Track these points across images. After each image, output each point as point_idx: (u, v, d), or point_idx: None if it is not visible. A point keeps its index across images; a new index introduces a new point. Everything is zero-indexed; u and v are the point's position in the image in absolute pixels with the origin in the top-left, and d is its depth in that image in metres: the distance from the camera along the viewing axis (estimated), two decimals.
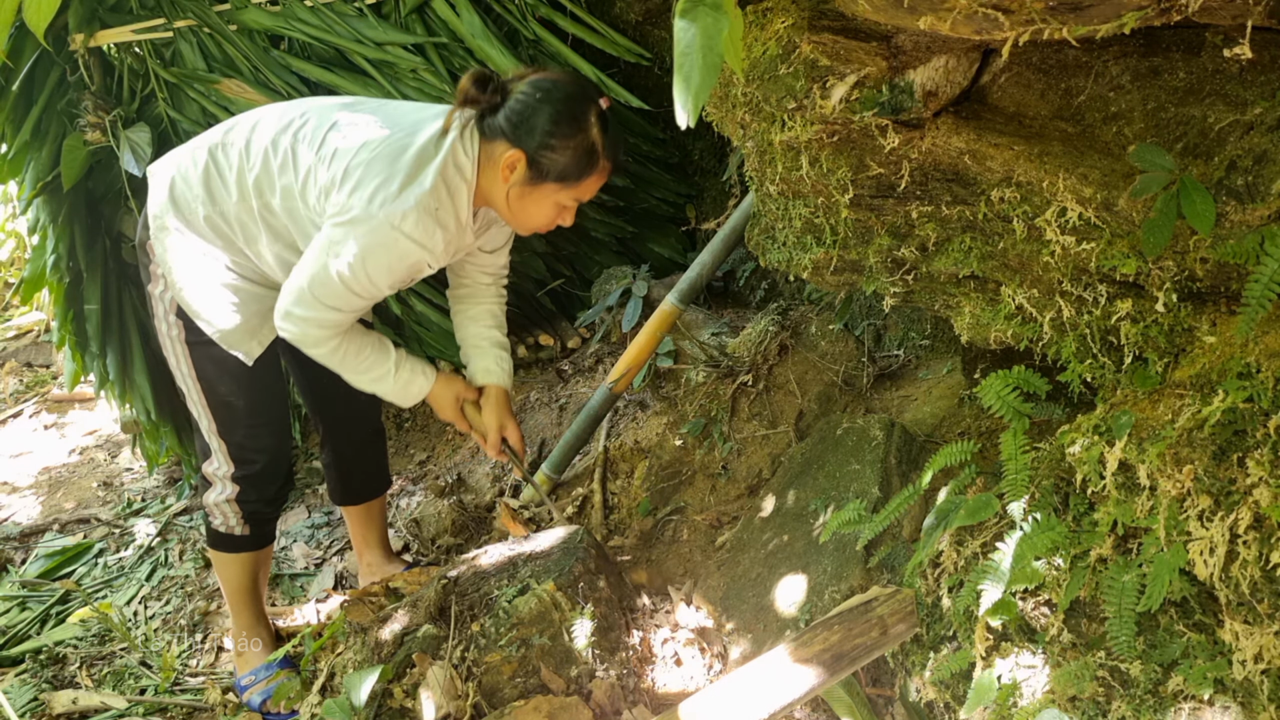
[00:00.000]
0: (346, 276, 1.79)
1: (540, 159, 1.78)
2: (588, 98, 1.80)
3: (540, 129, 1.76)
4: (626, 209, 3.69)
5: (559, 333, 3.69)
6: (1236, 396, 1.21)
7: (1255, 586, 1.15)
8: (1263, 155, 1.23)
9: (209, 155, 1.93)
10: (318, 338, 1.91)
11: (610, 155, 1.84)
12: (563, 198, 1.86)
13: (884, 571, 1.85)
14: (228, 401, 2.11)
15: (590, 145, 1.79)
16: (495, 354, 2.25)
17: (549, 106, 1.76)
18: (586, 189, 1.86)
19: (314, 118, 1.88)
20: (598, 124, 1.79)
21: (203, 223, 1.95)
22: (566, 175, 1.81)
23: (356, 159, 1.78)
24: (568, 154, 1.78)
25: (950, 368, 2.67)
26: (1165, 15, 1.06)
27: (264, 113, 1.96)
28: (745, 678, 1.58)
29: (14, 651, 2.61)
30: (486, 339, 2.26)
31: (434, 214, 1.77)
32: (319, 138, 1.84)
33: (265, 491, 2.24)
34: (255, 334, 2.06)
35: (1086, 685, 1.32)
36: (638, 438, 2.92)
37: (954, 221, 1.62)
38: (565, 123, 1.77)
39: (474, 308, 2.26)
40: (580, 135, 1.78)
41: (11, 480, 3.89)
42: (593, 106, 1.79)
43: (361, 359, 1.99)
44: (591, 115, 1.79)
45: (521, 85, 1.80)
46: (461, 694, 1.81)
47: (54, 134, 3.09)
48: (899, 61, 1.47)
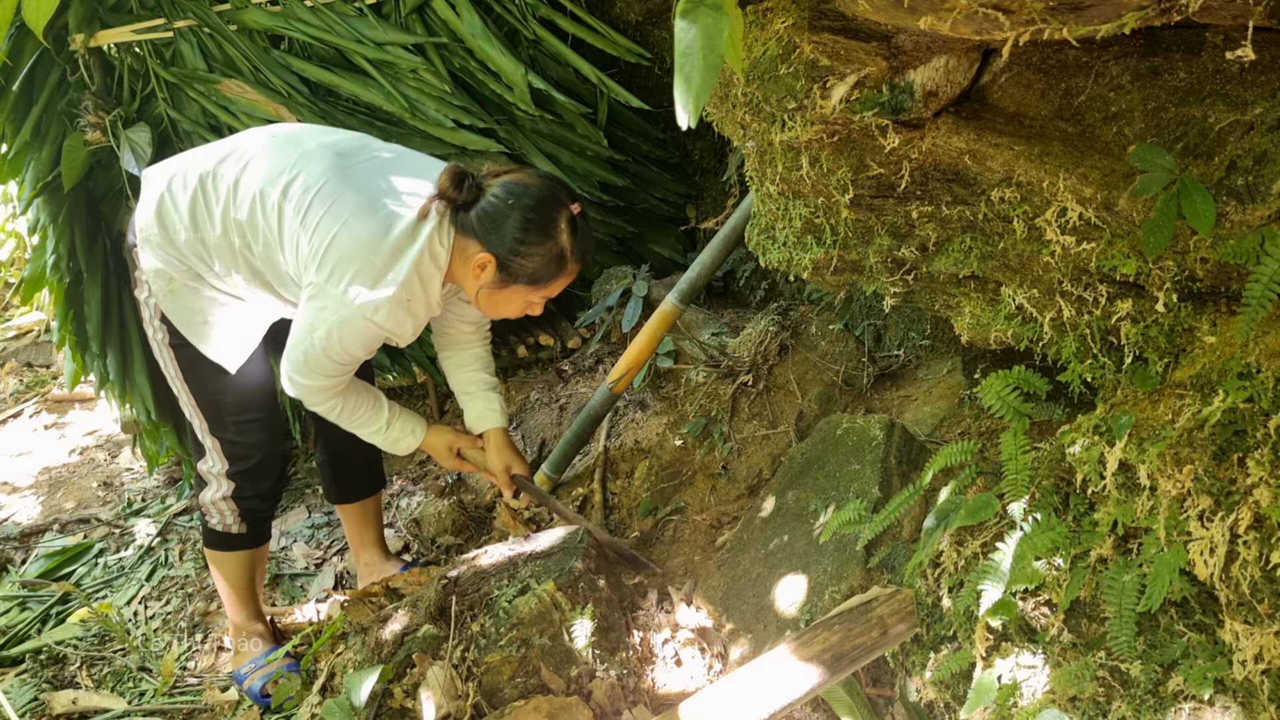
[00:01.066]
0: (328, 352, 1.89)
1: (510, 263, 1.84)
2: (558, 203, 1.85)
3: (510, 235, 1.82)
4: (626, 209, 3.69)
5: (559, 333, 3.69)
6: (1237, 396, 1.21)
7: (1255, 586, 1.15)
8: (1263, 155, 1.23)
9: (199, 182, 1.95)
10: (317, 400, 2.04)
11: (579, 257, 1.90)
12: (532, 297, 1.94)
13: (884, 571, 1.85)
14: (215, 400, 2.15)
15: (560, 252, 1.85)
16: (486, 398, 2.31)
17: (519, 214, 1.81)
18: (555, 288, 1.94)
19: (304, 175, 1.89)
20: (567, 229, 1.85)
21: (183, 245, 1.99)
22: (536, 279, 1.88)
23: (336, 243, 1.82)
24: (536, 260, 1.84)
25: (950, 368, 2.67)
26: (1165, 15, 1.06)
27: (258, 150, 1.96)
28: (745, 678, 1.58)
29: (14, 651, 2.61)
30: (476, 383, 2.32)
31: (405, 305, 1.84)
32: (305, 203, 1.86)
33: (260, 487, 2.26)
34: (237, 347, 2.12)
35: (1087, 685, 1.32)
36: (638, 438, 2.92)
37: (954, 221, 1.62)
38: (535, 230, 1.82)
39: (459, 354, 2.32)
40: (549, 242, 1.83)
41: (11, 480, 3.89)
42: (563, 212, 1.84)
43: (357, 416, 2.11)
44: (561, 221, 1.84)
45: (495, 186, 1.86)
46: (461, 694, 1.81)
47: (54, 134, 3.09)
48: (899, 61, 1.47)
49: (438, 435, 2.25)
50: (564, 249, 1.85)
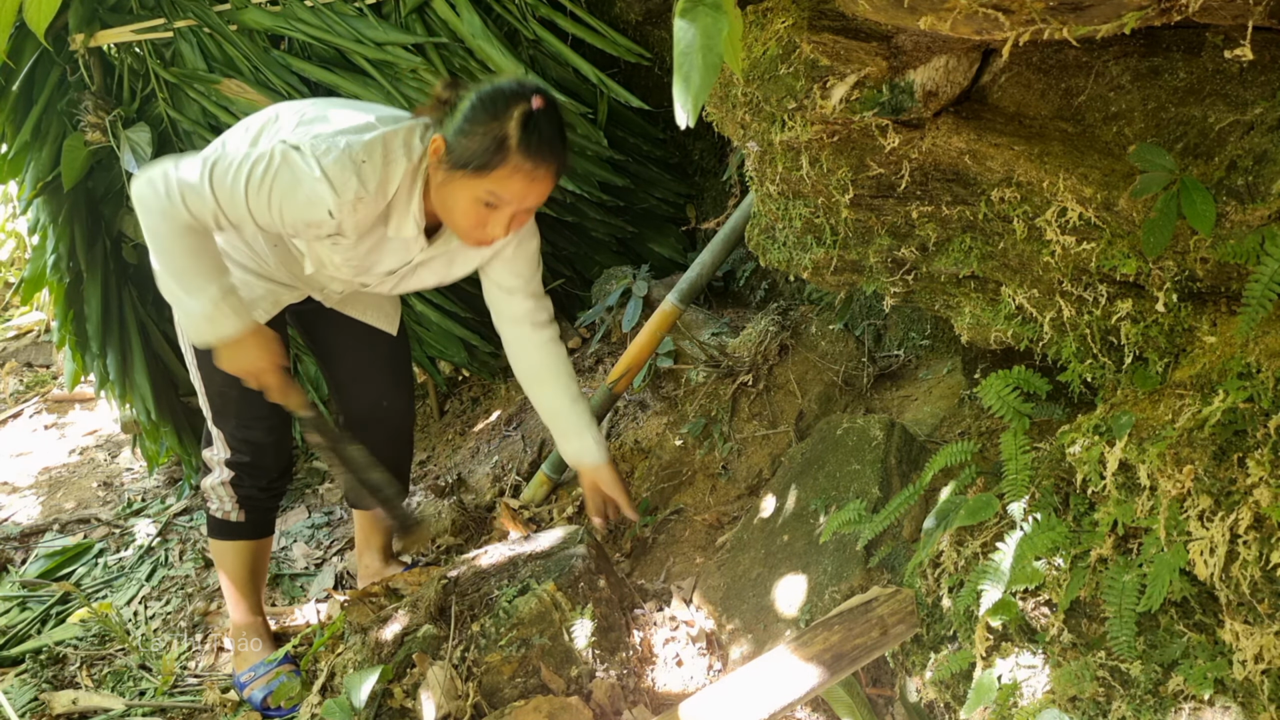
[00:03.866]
0: (246, 167, 1.73)
1: (455, 145, 1.75)
2: (517, 94, 1.74)
3: (460, 115, 1.75)
4: (626, 209, 3.69)
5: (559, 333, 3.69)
6: (1237, 396, 1.21)
7: (1255, 586, 1.15)
8: (1263, 155, 1.23)
9: None
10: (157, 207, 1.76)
11: (528, 152, 1.73)
12: (477, 191, 1.76)
13: (884, 571, 1.85)
14: (222, 392, 2.13)
15: (501, 136, 1.72)
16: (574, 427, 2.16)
17: (474, 95, 1.76)
18: (501, 185, 1.75)
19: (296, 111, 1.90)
20: (519, 119, 1.72)
21: None
22: (474, 162, 1.73)
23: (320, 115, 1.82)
24: (476, 140, 1.73)
25: (950, 368, 2.67)
26: (1165, 15, 1.06)
27: None
28: (745, 678, 1.58)
29: (14, 651, 2.61)
30: (561, 413, 2.17)
31: (358, 165, 1.73)
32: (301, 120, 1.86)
33: (258, 481, 2.25)
34: None
35: (1087, 685, 1.32)
36: (638, 438, 2.92)
37: (954, 221, 1.62)
38: (482, 110, 1.74)
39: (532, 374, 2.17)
40: (493, 124, 1.72)
41: (11, 480, 3.89)
42: (520, 103, 1.73)
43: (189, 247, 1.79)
44: (514, 109, 1.73)
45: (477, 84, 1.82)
46: (461, 694, 1.81)
47: (54, 134, 3.09)
48: (899, 61, 1.47)
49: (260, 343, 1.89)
50: (506, 134, 1.71)
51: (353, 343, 2.33)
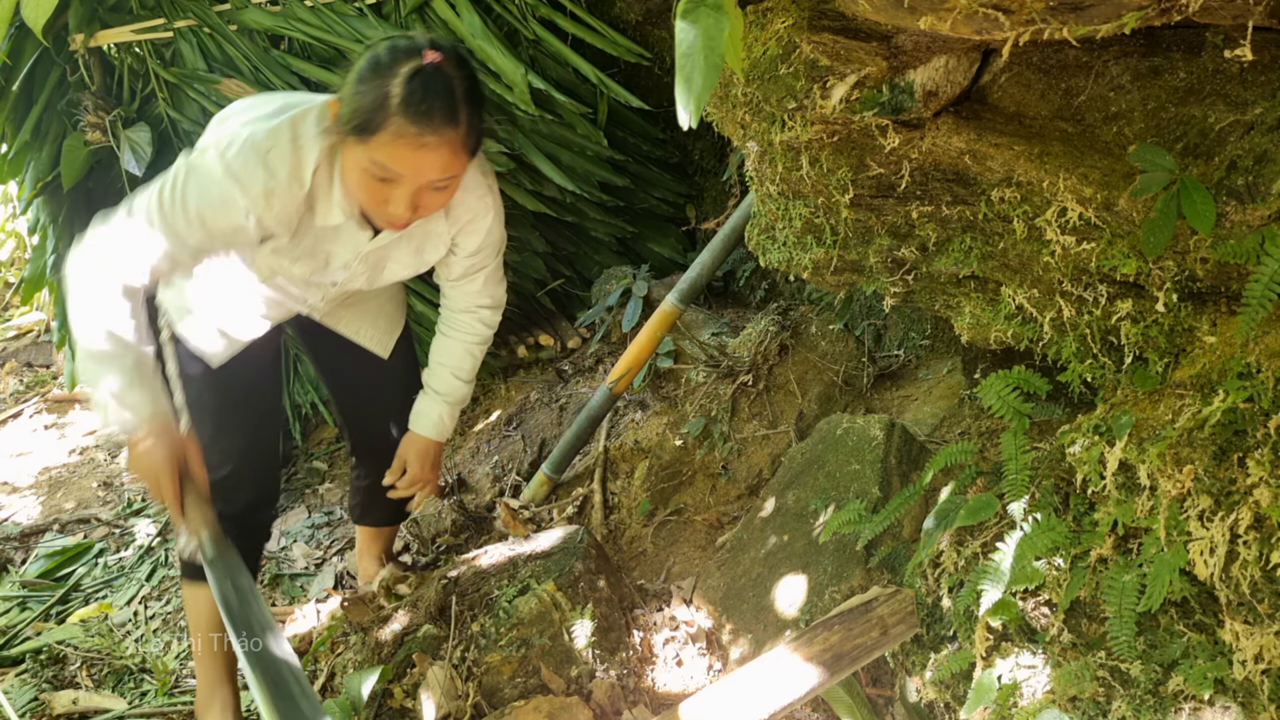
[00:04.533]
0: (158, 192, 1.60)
1: (344, 104, 1.56)
2: (410, 51, 1.51)
3: (351, 75, 1.56)
4: (626, 209, 3.70)
5: (559, 333, 3.69)
6: (1237, 396, 1.21)
7: (1255, 586, 1.15)
8: (1263, 155, 1.23)
9: None
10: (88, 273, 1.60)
11: (411, 114, 1.48)
12: (362, 159, 1.55)
13: (884, 571, 1.85)
14: (201, 399, 1.96)
15: (383, 96, 1.49)
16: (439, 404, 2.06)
17: (367, 52, 1.55)
18: (385, 152, 1.52)
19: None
20: (405, 75, 1.49)
21: None
22: (359, 127, 1.52)
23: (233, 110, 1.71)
24: (358, 99, 1.52)
25: (950, 368, 2.67)
26: (1165, 15, 1.06)
27: None
28: (745, 678, 1.58)
29: (14, 651, 2.61)
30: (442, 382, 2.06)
31: (263, 154, 1.57)
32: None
33: (232, 503, 1.94)
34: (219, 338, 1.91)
35: (1087, 685, 1.32)
36: (638, 438, 2.92)
37: (954, 221, 1.62)
38: (369, 68, 1.52)
39: (449, 338, 2.06)
40: (378, 82, 1.50)
41: (11, 480, 3.89)
42: (411, 59, 1.50)
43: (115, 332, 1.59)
44: (402, 66, 1.49)
45: None
46: (461, 694, 1.81)
47: (54, 134, 3.09)
48: (899, 61, 1.47)
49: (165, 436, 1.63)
50: (388, 94, 1.48)
51: (350, 365, 2.19)
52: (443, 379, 2.05)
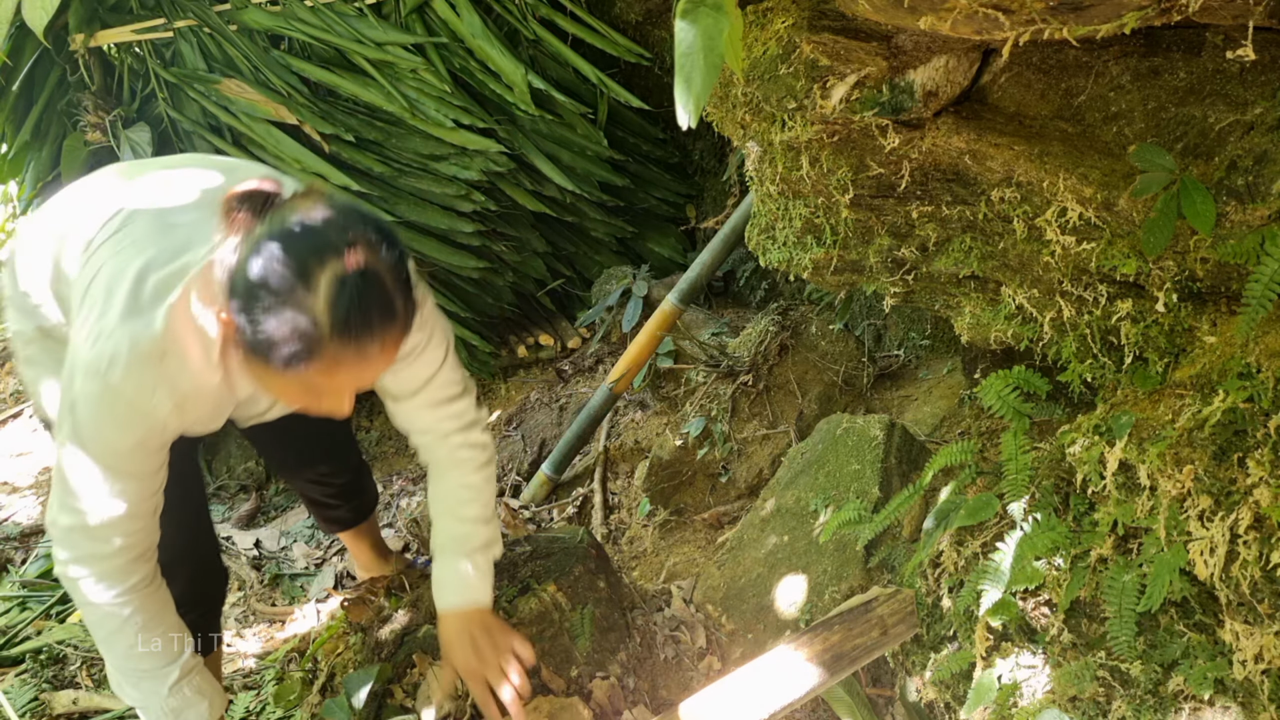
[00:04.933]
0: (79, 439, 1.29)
1: (246, 331, 1.17)
2: (324, 249, 1.14)
3: (242, 285, 1.16)
4: (626, 209, 3.70)
5: (559, 333, 3.69)
6: (1237, 396, 1.21)
7: (1255, 586, 1.15)
8: (1263, 155, 1.23)
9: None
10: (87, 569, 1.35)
11: (350, 336, 1.16)
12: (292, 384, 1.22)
13: (884, 571, 1.85)
14: None
15: (307, 324, 1.14)
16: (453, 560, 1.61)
17: (261, 264, 1.14)
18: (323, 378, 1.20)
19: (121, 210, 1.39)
20: (329, 295, 1.14)
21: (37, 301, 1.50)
22: (274, 359, 1.17)
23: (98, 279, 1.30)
24: (270, 329, 1.15)
25: (950, 368, 2.67)
26: (1165, 15, 1.06)
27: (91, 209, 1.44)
28: (745, 678, 1.58)
29: (14, 651, 2.61)
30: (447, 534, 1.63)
31: (156, 362, 1.25)
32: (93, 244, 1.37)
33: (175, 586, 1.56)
34: None
35: (1087, 685, 1.32)
36: (638, 438, 2.92)
37: (954, 221, 1.62)
38: (272, 286, 1.14)
39: (438, 481, 1.63)
40: (291, 303, 1.14)
41: (11, 480, 3.89)
42: (328, 263, 1.14)
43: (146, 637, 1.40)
44: (321, 275, 1.13)
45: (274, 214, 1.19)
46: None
47: (54, 134, 3.09)
48: (899, 61, 1.47)
49: None
50: (314, 321, 1.13)
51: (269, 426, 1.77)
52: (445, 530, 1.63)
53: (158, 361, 1.25)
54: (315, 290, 1.14)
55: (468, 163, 3.30)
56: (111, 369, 1.24)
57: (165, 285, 1.26)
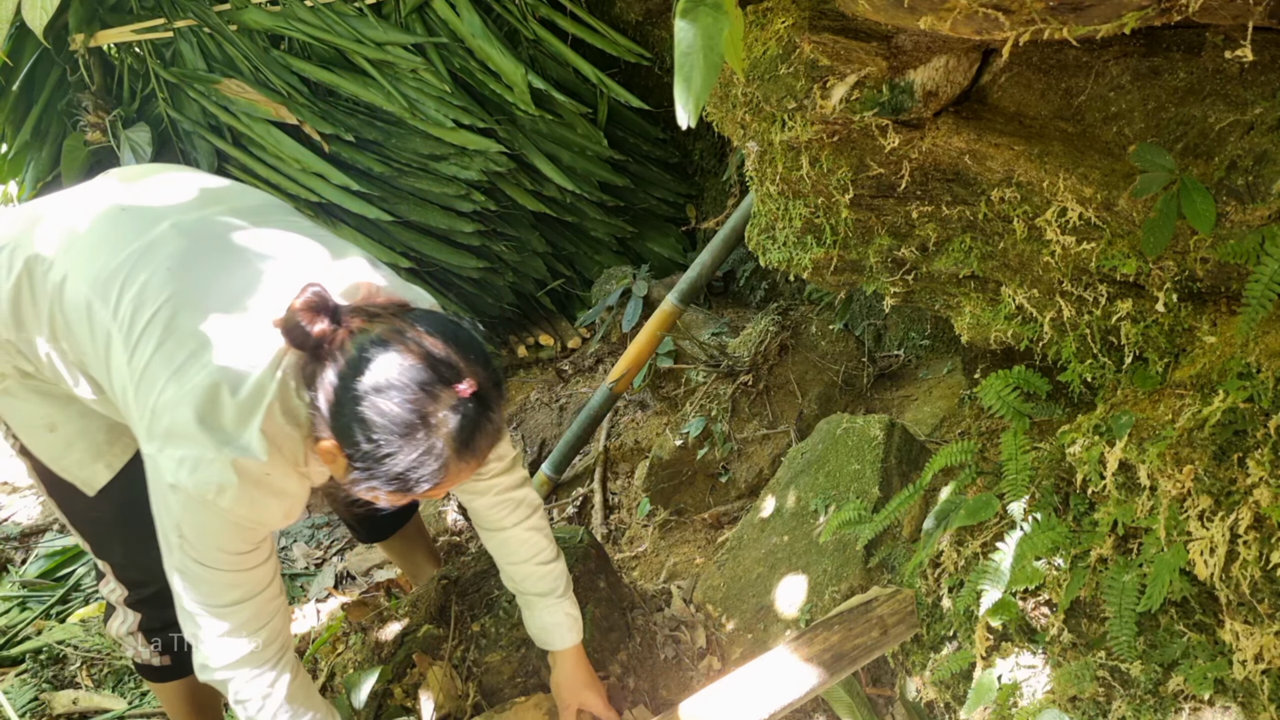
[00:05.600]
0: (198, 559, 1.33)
1: (361, 464, 1.26)
2: (434, 390, 1.22)
3: (358, 434, 1.23)
4: (626, 209, 3.70)
5: (559, 333, 3.69)
6: (1237, 396, 1.21)
7: (1255, 586, 1.15)
8: (1263, 155, 1.23)
9: (25, 267, 1.43)
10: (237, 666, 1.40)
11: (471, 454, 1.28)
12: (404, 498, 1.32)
13: (884, 571, 1.85)
14: (93, 517, 1.65)
15: (435, 455, 1.24)
16: (545, 607, 1.70)
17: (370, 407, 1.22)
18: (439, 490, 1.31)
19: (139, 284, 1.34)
20: (449, 424, 1.23)
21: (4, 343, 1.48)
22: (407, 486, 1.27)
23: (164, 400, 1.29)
24: (397, 465, 1.24)
25: (950, 368, 2.67)
26: (1165, 15, 1.06)
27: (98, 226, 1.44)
28: (745, 678, 1.58)
29: (14, 651, 2.61)
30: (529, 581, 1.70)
31: (261, 482, 1.30)
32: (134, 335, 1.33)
33: (168, 615, 1.59)
34: (101, 455, 1.59)
35: (1087, 685, 1.32)
36: (638, 438, 2.92)
37: (954, 221, 1.62)
38: (393, 431, 1.22)
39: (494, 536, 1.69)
40: (418, 445, 1.23)
41: (11, 480, 3.89)
42: (442, 399, 1.23)
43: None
44: (437, 415, 1.22)
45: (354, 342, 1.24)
46: (462, 694, 1.81)
47: (54, 134, 3.09)
48: (899, 61, 1.47)
49: None
50: (441, 452, 1.23)
51: None
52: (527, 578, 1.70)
53: (263, 482, 1.30)
54: (437, 426, 1.23)
55: (468, 163, 3.30)
56: (221, 496, 1.27)
57: (247, 408, 1.27)
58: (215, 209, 1.46)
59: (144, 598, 1.71)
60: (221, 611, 1.37)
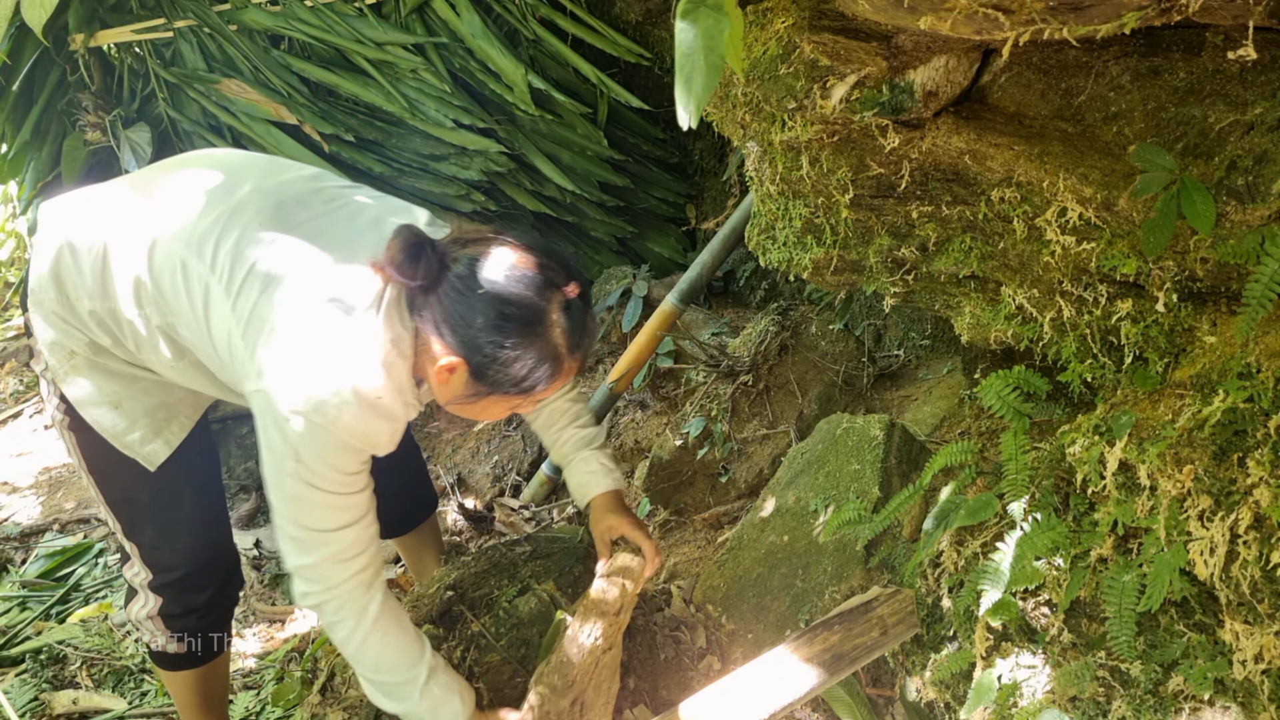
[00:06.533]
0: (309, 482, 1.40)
1: (486, 370, 1.38)
2: (548, 290, 1.37)
3: (483, 338, 1.35)
4: (626, 209, 3.69)
5: None
6: (1237, 396, 1.21)
7: (1255, 586, 1.15)
8: (1263, 155, 1.23)
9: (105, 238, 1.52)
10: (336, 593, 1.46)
11: (580, 352, 1.43)
12: (516, 401, 1.47)
13: (884, 571, 1.85)
14: (129, 496, 1.70)
15: (553, 352, 1.38)
16: (584, 460, 1.81)
17: (492, 309, 1.34)
18: (552, 390, 1.46)
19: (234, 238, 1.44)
20: (562, 322, 1.38)
21: (86, 315, 1.54)
22: (524, 387, 1.41)
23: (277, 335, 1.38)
24: (520, 369, 1.38)
25: (950, 368, 2.67)
26: (1165, 15, 1.06)
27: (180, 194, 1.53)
28: (745, 678, 1.58)
29: (14, 651, 2.61)
30: (569, 444, 1.83)
31: (374, 405, 1.39)
32: (236, 281, 1.42)
33: (191, 602, 1.76)
34: (160, 432, 1.65)
35: (1087, 685, 1.32)
36: (638, 438, 2.92)
37: (954, 221, 1.62)
38: (516, 330, 1.35)
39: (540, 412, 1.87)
40: (537, 343, 1.36)
41: (11, 480, 3.89)
42: (554, 300, 1.37)
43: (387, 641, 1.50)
44: (553, 313, 1.37)
45: (461, 263, 1.37)
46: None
47: (54, 134, 3.09)
48: (899, 61, 1.47)
49: None
50: (557, 349, 1.38)
51: None
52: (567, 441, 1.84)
53: (376, 405, 1.39)
54: (551, 325, 1.37)
55: (468, 163, 3.31)
56: (341, 417, 1.36)
57: (359, 337, 1.38)
58: (285, 175, 1.57)
59: (168, 582, 1.74)
60: (326, 537, 1.43)
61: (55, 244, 1.55)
